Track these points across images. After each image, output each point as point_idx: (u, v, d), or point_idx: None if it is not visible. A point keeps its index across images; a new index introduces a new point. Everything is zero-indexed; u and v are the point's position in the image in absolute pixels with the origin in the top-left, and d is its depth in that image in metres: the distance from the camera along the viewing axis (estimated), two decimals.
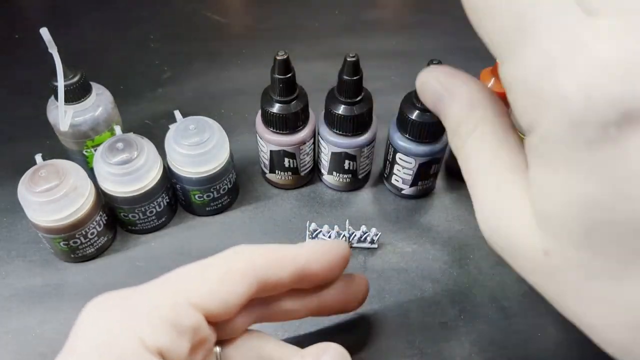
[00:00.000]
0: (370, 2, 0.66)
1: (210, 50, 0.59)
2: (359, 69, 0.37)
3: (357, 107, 0.39)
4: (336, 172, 0.44)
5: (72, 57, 0.40)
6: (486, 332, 0.37)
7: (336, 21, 0.63)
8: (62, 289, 0.39)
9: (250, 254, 0.27)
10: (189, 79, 0.55)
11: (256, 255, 0.27)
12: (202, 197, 0.41)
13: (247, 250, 0.27)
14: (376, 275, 0.40)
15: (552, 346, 0.37)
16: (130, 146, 0.38)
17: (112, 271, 0.40)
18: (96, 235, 0.39)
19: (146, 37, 0.60)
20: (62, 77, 0.37)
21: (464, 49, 0.59)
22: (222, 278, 0.26)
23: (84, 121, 0.40)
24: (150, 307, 0.24)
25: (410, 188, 0.44)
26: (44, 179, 0.35)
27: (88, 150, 0.42)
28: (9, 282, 0.40)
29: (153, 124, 0.50)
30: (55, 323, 0.37)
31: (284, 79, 0.37)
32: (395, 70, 0.57)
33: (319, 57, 0.58)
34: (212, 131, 0.39)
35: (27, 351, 0.36)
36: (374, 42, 0.60)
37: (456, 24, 0.62)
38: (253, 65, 0.57)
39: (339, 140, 0.41)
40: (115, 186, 0.38)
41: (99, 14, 0.63)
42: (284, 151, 0.41)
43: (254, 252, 0.27)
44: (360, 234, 0.40)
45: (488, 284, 0.40)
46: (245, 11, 0.65)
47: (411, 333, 0.37)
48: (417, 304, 0.39)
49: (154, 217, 0.41)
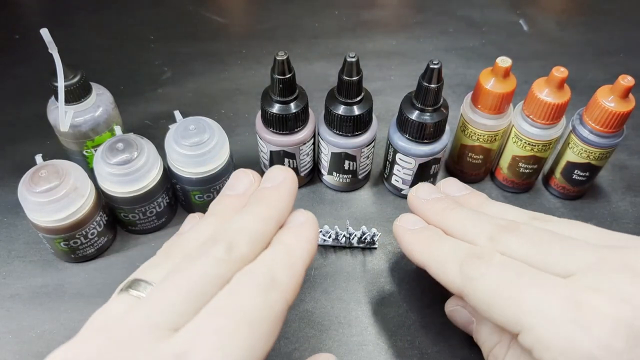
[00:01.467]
0: (370, 2, 0.66)
1: (210, 50, 0.59)
2: (358, 69, 0.37)
3: (357, 108, 0.39)
4: (336, 173, 0.44)
5: (73, 57, 0.40)
6: None
7: (336, 21, 0.63)
8: (62, 289, 0.39)
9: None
10: (189, 79, 0.55)
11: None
12: (202, 197, 0.41)
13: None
14: (376, 275, 0.40)
15: None
16: (131, 146, 0.38)
17: (112, 271, 0.40)
18: (96, 236, 0.39)
19: (146, 37, 0.60)
20: (63, 78, 0.37)
21: (464, 49, 0.59)
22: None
23: (84, 121, 0.40)
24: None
25: (410, 188, 0.44)
26: (44, 179, 0.35)
27: (88, 150, 0.42)
28: (9, 282, 0.40)
29: (153, 124, 0.51)
30: (55, 323, 0.37)
31: (284, 79, 0.37)
32: (395, 70, 0.57)
33: (319, 58, 0.58)
34: (212, 131, 0.39)
35: (27, 351, 0.36)
36: (373, 43, 0.60)
37: (456, 24, 0.62)
38: (253, 65, 0.57)
39: (339, 140, 0.41)
40: (116, 186, 0.38)
41: (99, 14, 0.63)
42: (284, 151, 0.42)
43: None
44: (360, 234, 0.41)
45: None
46: (245, 11, 0.66)
47: (411, 333, 0.37)
48: (417, 304, 0.39)
49: (154, 218, 0.41)
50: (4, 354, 0.36)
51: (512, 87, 0.39)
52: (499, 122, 0.41)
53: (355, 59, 0.36)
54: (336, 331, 0.37)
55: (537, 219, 0.31)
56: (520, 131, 0.41)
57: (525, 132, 0.40)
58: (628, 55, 0.59)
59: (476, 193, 0.35)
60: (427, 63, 0.36)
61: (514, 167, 0.43)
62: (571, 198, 0.45)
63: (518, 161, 0.42)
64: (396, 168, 0.42)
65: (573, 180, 0.43)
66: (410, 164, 0.41)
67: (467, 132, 0.42)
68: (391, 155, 0.42)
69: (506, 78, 0.39)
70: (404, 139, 0.40)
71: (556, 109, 0.38)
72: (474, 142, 0.42)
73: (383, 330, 0.37)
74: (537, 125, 0.40)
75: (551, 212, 0.44)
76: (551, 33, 0.62)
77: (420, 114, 0.38)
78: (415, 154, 0.40)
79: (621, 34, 0.61)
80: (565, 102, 0.38)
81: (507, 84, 0.39)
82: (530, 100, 0.39)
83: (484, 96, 0.39)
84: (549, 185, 0.45)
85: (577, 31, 0.62)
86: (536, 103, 0.39)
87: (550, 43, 0.60)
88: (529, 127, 0.40)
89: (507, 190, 0.45)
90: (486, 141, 0.42)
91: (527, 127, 0.40)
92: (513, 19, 0.63)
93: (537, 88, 0.39)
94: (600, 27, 0.62)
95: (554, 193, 0.45)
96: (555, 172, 0.44)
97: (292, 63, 0.38)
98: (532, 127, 0.40)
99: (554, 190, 0.45)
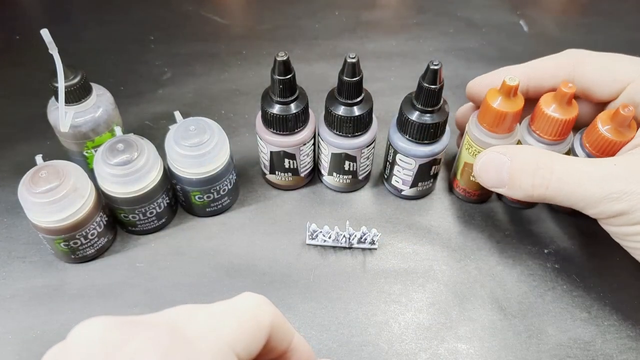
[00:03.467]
0: (370, 3, 0.66)
1: (210, 51, 0.59)
2: (359, 69, 0.37)
3: (357, 108, 0.39)
4: (336, 173, 0.44)
5: (73, 58, 0.40)
6: (486, 332, 0.37)
7: (336, 22, 0.63)
8: (63, 290, 0.39)
9: (273, 312, 0.25)
10: (189, 79, 0.55)
11: (276, 316, 0.25)
12: (202, 198, 0.41)
13: (268, 307, 0.25)
14: (376, 275, 0.40)
15: (552, 346, 0.37)
16: (131, 147, 0.38)
17: (112, 272, 0.40)
18: (96, 236, 0.39)
19: (146, 38, 0.60)
20: (63, 78, 0.37)
21: (464, 50, 0.59)
22: (255, 334, 0.23)
23: (85, 122, 0.40)
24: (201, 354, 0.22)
25: (410, 189, 0.44)
26: (44, 179, 0.35)
27: (88, 151, 0.42)
28: (9, 282, 0.40)
29: (153, 124, 0.51)
30: (55, 324, 0.37)
31: (284, 79, 0.37)
32: (395, 71, 0.57)
33: (319, 58, 0.58)
34: (212, 132, 0.39)
35: (27, 352, 0.36)
36: (373, 43, 0.60)
37: (456, 25, 0.62)
38: (253, 66, 0.57)
39: (339, 141, 0.41)
40: (116, 187, 0.38)
41: (99, 15, 0.63)
42: (284, 152, 0.42)
43: (275, 312, 0.25)
44: (360, 234, 0.41)
45: (488, 284, 0.40)
46: (245, 12, 0.66)
47: (412, 333, 0.37)
48: (417, 305, 0.39)
49: (154, 218, 0.41)
50: (4, 354, 0.36)
51: (520, 105, 0.37)
52: (505, 142, 0.39)
53: (356, 60, 0.36)
54: (336, 332, 0.37)
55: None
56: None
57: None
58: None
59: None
60: (428, 64, 0.36)
61: None
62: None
63: None
64: (396, 169, 0.42)
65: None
66: (410, 165, 0.41)
67: (472, 151, 0.40)
68: (391, 156, 0.42)
69: (514, 97, 0.37)
70: (404, 140, 0.40)
71: (564, 125, 0.37)
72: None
73: (383, 330, 0.37)
74: (544, 141, 0.38)
75: (557, 231, 0.44)
76: (551, 34, 0.62)
77: (421, 114, 0.38)
78: (415, 154, 0.40)
79: (621, 35, 0.61)
80: (573, 118, 0.37)
81: (515, 102, 0.37)
82: (537, 116, 0.38)
83: (490, 115, 0.37)
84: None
85: (577, 32, 0.62)
86: (543, 119, 0.37)
87: (550, 44, 0.60)
88: (536, 143, 0.39)
89: (512, 205, 0.44)
90: None
91: (534, 142, 0.39)
92: (513, 19, 0.63)
93: (545, 103, 0.37)
94: (600, 28, 0.62)
95: (555, 207, 0.44)
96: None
97: (292, 64, 0.38)
98: (539, 143, 0.39)
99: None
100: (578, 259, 0.41)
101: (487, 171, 0.37)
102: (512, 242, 0.42)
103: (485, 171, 0.37)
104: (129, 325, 0.20)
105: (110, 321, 0.20)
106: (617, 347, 0.37)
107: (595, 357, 0.37)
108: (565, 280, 0.40)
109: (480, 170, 0.37)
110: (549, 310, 0.39)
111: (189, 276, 0.40)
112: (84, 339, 0.20)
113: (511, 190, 0.36)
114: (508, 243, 0.42)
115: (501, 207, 0.45)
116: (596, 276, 0.40)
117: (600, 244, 0.42)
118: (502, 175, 0.36)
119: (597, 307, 0.39)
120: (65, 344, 0.21)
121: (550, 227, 0.43)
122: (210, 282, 0.40)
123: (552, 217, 0.44)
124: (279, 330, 0.25)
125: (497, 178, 0.36)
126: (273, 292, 0.39)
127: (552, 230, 0.43)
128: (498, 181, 0.36)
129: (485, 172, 0.37)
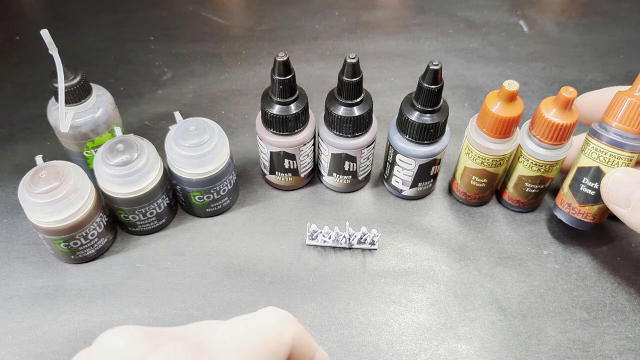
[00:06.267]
0: (370, 3, 0.66)
1: (210, 51, 0.59)
2: (358, 70, 0.37)
3: (357, 109, 0.39)
4: (336, 174, 0.44)
5: (73, 58, 0.40)
6: (486, 332, 0.37)
7: (336, 22, 0.63)
8: (62, 290, 0.39)
9: (295, 329, 0.24)
10: (189, 80, 0.55)
11: (298, 333, 0.25)
12: (202, 198, 0.41)
13: (291, 325, 0.25)
14: (376, 275, 0.40)
15: (551, 347, 0.37)
16: (131, 147, 0.38)
17: (112, 272, 0.40)
18: (96, 237, 0.39)
19: (146, 38, 0.60)
20: (63, 79, 0.37)
21: (464, 50, 0.59)
22: (275, 353, 0.23)
23: (85, 122, 0.40)
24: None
25: (410, 189, 0.44)
26: (44, 180, 0.35)
27: (88, 151, 0.42)
28: (9, 283, 0.40)
29: (153, 125, 0.51)
30: (55, 324, 0.38)
31: (284, 80, 0.37)
32: (395, 71, 0.57)
33: (319, 59, 0.58)
34: (212, 132, 0.39)
35: (27, 352, 0.36)
36: (373, 44, 0.60)
37: (456, 25, 0.62)
38: (253, 66, 0.57)
39: (339, 141, 0.41)
40: (116, 187, 0.38)
41: (99, 15, 0.63)
42: (284, 152, 0.42)
43: (297, 329, 0.25)
44: (360, 235, 0.41)
45: (488, 284, 0.40)
46: (245, 12, 0.66)
47: (412, 333, 0.37)
48: (417, 305, 0.39)
49: (154, 219, 0.41)
50: (4, 354, 0.36)
51: (519, 111, 0.37)
52: (505, 147, 0.39)
53: (356, 60, 0.36)
54: (336, 332, 0.37)
55: None
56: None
57: (532, 153, 0.39)
58: (628, 56, 0.59)
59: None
60: (427, 64, 0.36)
61: (520, 186, 0.42)
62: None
63: (524, 181, 0.41)
64: (396, 169, 0.42)
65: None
66: (410, 165, 0.41)
67: (472, 155, 0.40)
68: (391, 156, 0.42)
69: (513, 101, 0.37)
70: (404, 140, 0.40)
71: (564, 129, 0.37)
72: (478, 165, 0.41)
73: (383, 331, 0.37)
74: (544, 145, 0.38)
75: (556, 231, 0.44)
76: (551, 34, 0.62)
77: (421, 115, 0.38)
78: (415, 154, 0.40)
79: (621, 35, 0.61)
80: (573, 123, 0.37)
81: (515, 107, 0.37)
82: (537, 120, 0.38)
83: (489, 119, 0.37)
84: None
85: (577, 32, 0.62)
86: (543, 123, 0.37)
87: (550, 44, 0.60)
88: (536, 147, 0.39)
89: (513, 209, 0.45)
90: (491, 165, 0.40)
91: (533, 147, 0.39)
92: (513, 20, 0.63)
93: (545, 108, 0.37)
94: (600, 28, 0.62)
95: (558, 213, 0.44)
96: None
97: (292, 64, 0.38)
98: (539, 148, 0.39)
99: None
100: (578, 260, 0.41)
101: (615, 189, 0.37)
102: (511, 242, 0.42)
103: (613, 189, 0.37)
104: (155, 337, 0.20)
105: (137, 331, 0.20)
106: (616, 348, 0.37)
107: (595, 358, 0.37)
108: (565, 280, 0.40)
109: (610, 184, 0.37)
110: (548, 311, 0.39)
111: (189, 276, 0.40)
112: (110, 348, 0.20)
113: (634, 215, 0.36)
114: (508, 243, 0.42)
115: (501, 207, 0.45)
116: (596, 277, 0.40)
117: (600, 245, 0.42)
118: (631, 197, 0.36)
119: (597, 308, 0.39)
120: (91, 351, 0.21)
121: (550, 228, 0.43)
122: (210, 282, 0.40)
123: (551, 218, 0.44)
124: (301, 348, 0.25)
125: (626, 199, 0.36)
126: (273, 292, 0.39)
127: (551, 231, 0.43)
128: (625, 202, 0.36)
129: (613, 190, 0.37)
